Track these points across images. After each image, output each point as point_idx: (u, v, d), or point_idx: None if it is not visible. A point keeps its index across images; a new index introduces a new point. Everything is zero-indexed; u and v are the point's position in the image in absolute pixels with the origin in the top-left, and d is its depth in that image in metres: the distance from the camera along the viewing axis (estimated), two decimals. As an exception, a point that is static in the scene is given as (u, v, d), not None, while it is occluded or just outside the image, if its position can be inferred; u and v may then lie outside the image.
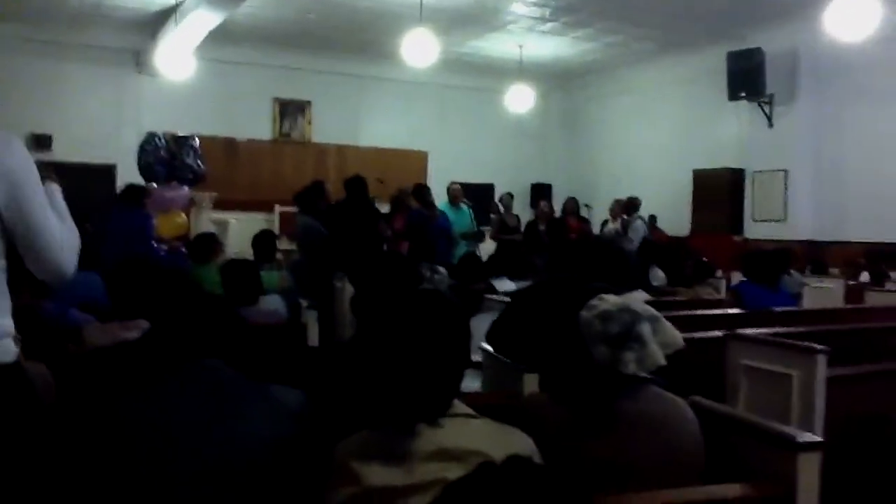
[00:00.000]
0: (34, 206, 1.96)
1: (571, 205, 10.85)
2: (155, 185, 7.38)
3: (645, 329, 1.94)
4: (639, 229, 10.07)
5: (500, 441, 1.63)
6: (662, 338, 1.96)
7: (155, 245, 6.26)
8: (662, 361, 1.93)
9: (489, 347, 2.89)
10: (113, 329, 2.91)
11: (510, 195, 11.07)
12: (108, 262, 4.67)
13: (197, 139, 7.85)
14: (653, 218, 11.09)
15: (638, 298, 2.02)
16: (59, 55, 11.04)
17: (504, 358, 2.73)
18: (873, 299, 6.09)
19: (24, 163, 1.97)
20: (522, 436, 1.71)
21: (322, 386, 2.11)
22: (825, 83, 9.99)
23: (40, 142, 10.63)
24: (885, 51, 8.93)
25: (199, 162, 7.53)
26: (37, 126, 10.76)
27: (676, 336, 1.98)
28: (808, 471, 1.75)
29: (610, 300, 2.00)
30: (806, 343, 2.81)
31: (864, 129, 9.61)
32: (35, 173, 1.99)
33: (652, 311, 1.99)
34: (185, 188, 7.52)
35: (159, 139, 7.43)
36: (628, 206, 10.45)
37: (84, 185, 10.32)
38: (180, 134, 7.80)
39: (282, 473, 1.78)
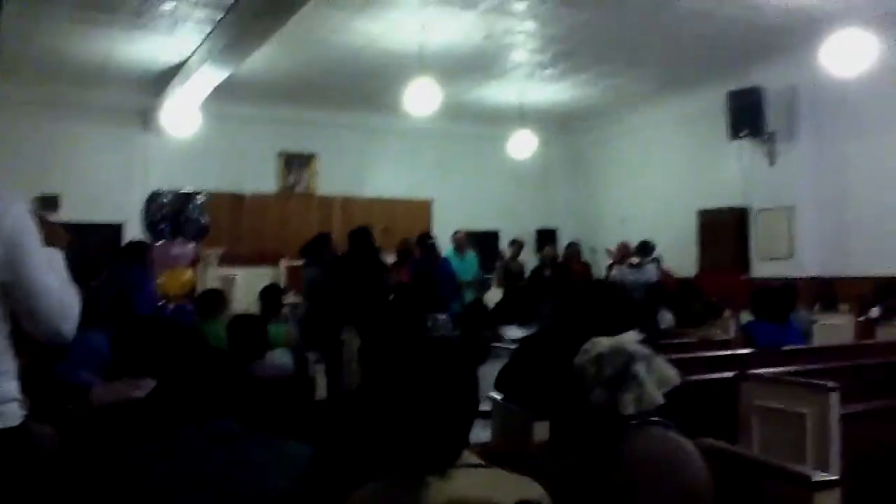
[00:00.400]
0: (32, 267, 1.95)
1: (573, 249, 10.86)
2: (161, 241, 7.41)
3: (640, 369, 1.94)
4: (650, 272, 10.03)
5: (511, 490, 1.61)
6: (658, 376, 1.96)
7: (159, 302, 6.26)
8: (660, 400, 1.93)
9: (498, 395, 2.88)
10: (119, 388, 2.90)
11: (519, 243, 11.06)
12: (107, 319, 4.67)
13: (201, 195, 7.92)
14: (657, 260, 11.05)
15: (630, 338, 2.02)
16: (65, 115, 11.18)
17: (513, 405, 2.72)
18: (884, 334, 6.05)
19: (24, 224, 1.96)
20: (533, 484, 1.68)
21: (330, 438, 2.09)
22: (825, 119, 10.02)
23: (47, 203, 10.70)
24: (883, 84, 8.98)
25: (203, 217, 7.57)
26: (44, 186, 10.84)
27: (671, 373, 1.98)
28: (826, 511, 1.72)
29: (602, 343, 2.01)
30: (818, 381, 2.78)
31: (867, 163, 9.59)
32: (34, 235, 1.98)
33: (645, 350, 2.00)
34: (191, 244, 7.54)
35: (164, 197, 7.47)
36: (641, 249, 10.44)
37: (92, 244, 10.43)
38: (186, 190, 7.86)
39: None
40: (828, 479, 1.76)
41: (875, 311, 7.15)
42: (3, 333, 1.98)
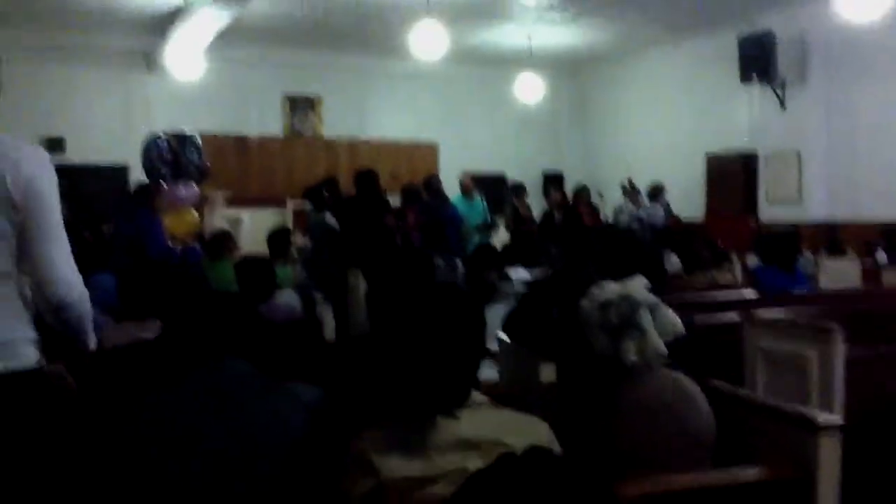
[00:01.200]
0: (52, 214, 2.00)
1: (582, 193, 10.81)
2: (164, 184, 7.38)
3: (644, 317, 1.92)
4: (658, 216, 10.04)
5: (519, 430, 1.62)
6: (662, 325, 1.94)
7: (169, 244, 6.28)
8: (663, 350, 1.91)
9: (505, 337, 2.89)
10: (130, 329, 2.93)
11: (523, 186, 11.02)
12: (119, 264, 4.69)
13: (198, 136, 7.82)
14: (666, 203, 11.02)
15: (637, 285, 2.00)
16: (69, 58, 11.10)
17: (520, 347, 2.73)
18: (890, 279, 6.04)
19: (50, 177, 2.04)
20: (541, 425, 1.70)
21: (339, 380, 2.11)
22: (836, 65, 9.89)
23: (53, 145, 10.66)
24: (894, 31, 8.84)
25: (202, 159, 7.48)
26: (49, 129, 10.82)
27: (676, 322, 1.96)
28: (830, 453, 1.73)
29: (609, 288, 1.98)
30: (823, 324, 2.78)
31: (875, 110, 9.50)
32: (56, 192, 2.05)
33: (651, 297, 1.97)
34: (194, 186, 7.50)
35: (161, 139, 7.37)
36: (651, 192, 10.44)
37: (98, 186, 10.44)
38: (186, 132, 7.78)
39: (297, 467, 1.79)
40: (833, 422, 1.78)
41: (881, 257, 7.13)
42: (17, 279, 2.00)
